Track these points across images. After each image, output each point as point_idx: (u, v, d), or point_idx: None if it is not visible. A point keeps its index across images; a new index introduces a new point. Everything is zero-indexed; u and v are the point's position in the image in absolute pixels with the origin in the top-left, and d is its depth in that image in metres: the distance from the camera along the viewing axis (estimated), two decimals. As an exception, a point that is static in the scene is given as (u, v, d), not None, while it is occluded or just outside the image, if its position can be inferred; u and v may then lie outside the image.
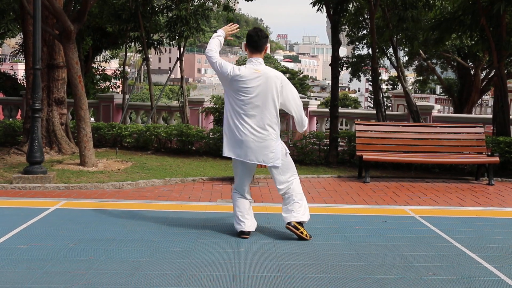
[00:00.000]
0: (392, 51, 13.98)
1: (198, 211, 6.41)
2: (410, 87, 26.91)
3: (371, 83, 15.05)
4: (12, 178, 7.92)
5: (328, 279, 4.13)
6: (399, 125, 10.08)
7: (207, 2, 15.13)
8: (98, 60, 22.07)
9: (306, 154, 10.69)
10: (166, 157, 11.15)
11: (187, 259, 4.52)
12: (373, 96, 12.73)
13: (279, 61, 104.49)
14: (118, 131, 12.17)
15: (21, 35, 16.90)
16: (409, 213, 6.59)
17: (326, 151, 10.95)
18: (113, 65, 32.06)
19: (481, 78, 21.62)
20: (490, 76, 21.05)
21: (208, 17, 14.72)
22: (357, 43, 22.23)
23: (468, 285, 4.08)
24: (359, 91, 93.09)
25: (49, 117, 11.07)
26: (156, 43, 15.73)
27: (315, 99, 19.16)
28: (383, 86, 41.36)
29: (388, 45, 14.66)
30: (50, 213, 6.09)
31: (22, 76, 19.97)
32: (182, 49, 14.94)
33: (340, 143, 11.22)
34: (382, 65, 26.07)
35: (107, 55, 22.38)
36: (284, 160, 5.22)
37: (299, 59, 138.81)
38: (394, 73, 40.09)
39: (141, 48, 15.29)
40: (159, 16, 15.51)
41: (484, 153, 9.47)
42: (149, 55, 15.14)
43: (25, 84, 14.08)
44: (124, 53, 17.04)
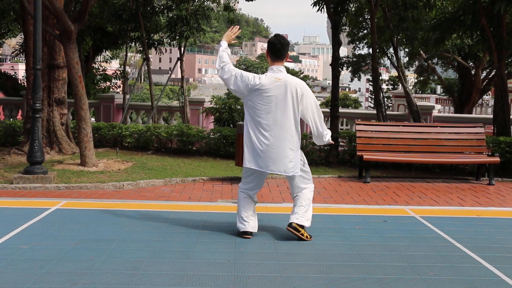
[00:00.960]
0: (393, 51, 13.98)
1: (198, 211, 6.41)
2: (411, 88, 26.90)
3: (371, 83, 15.05)
4: (13, 178, 7.93)
5: (328, 279, 4.13)
6: (399, 125, 10.08)
7: (208, 2, 15.14)
8: (99, 60, 22.07)
9: (306, 154, 10.60)
10: (166, 157, 11.15)
11: (187, 259, 4.52)
12: (373, 96, 12.72)
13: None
14: (118, 131, 12.18)
15: (21, 35, 16.90)
16: (410, 213, 6.59)
17: (326, 151, 10.95)
18: (113, 65, 32.09)
19: (481, 78, 21.63)
20: (490, 76, 21.05)
21: (209, 17, 14.73)
22: (357, 43, 22.26)
23: (468, 285, 4.08)
24: (359, 91, 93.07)
25: (49, 117, 11.08)
26: (156, 43, 15.74)
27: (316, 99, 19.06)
28: (384, 86, 41.34)
29: (388, 45, 14.67)
30: (51, 213, 6.10)
31: (23, 76, 19.97)
32: (182, 49, 14.95)
33: (341, 143, 11.22)
34: (382, 65, 26.12)
35: (107, 55, 22.38)
36: (302, 169, 5.25)
37: (300, 59, 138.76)
38: (394, 73, 40.12)
39: (141, 48, 15.30)
40: (159, 16, 15.52)
41: (484, 153, 9.47)
42: (150, 55, 15.16)
43: (25, 84, 14.09)
44: (125, 53, 17.04)
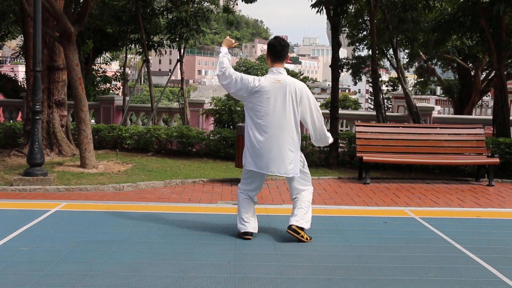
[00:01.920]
0: (392, 53, 13.99)
1: (198, 212, 6.41)
2: (411, 89, 26.90)
3: (371, 85, 15.05)
4: (13, 180, 7.92)
5: (328, 280, 4.14)
6: (399, 126, 10.08)
7: (207, 4, 15.14)
8: (99, 62, 22.07)
9: (306, 156, 10.57)
10: (166, 158, 11.15)
11: (187, 260, 4.53)
12: (373, 98, 12.73)
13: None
14: (118, 133, 12.18)
15: (21, 37, 16.90)
16: (410, 214, 6.59)
17: (326, 152, 10.95)
18: (113, 67, 32.11)
19: (481, 79, 21.63)
20: (490, 77, 21.06)
21: (208, 19, 14.74)
22: (357, 44, 22.25)
23: (468, 286, 4.08)
24: (359, 92, 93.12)
25: (49, 119, 11.08)
26: (156, 45, 15.75)
27: (316, 100, 19.08)
28: (383, 88, 41.37)
29: (388, 46, 14.67)
30: (51, 215, 6.10)
31: (23, 78, 19.98)
32: (182, 50, 14.96)
33: (341, 145, 11.22)
34: (382, 67, 26.11)
35: (107, 57, 22.39)
36: (302, 170, 5.27)
37: (300, 60, 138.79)
38: (394, 74, 40.10)
39: (141, 50, 15.31)
40: (159, 18, 15.52)
41: (484, 154, 9.47)
42: (150, 57, 15.17)
43: (25, 86, 14.08)
44: (125, 55, 17.05)
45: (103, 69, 21.50)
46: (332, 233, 5.55)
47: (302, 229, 5.15)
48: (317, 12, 11.80)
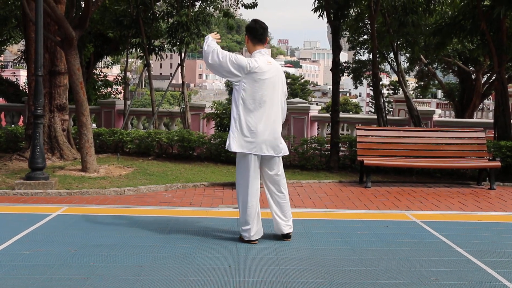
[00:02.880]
0: (393, 56, 13.99)
1: (199, 216, 6.42)
2: (411, 92, 26.89)
3: (372, 88, 15.07)
4: (14, 184, 7.94)
5: (329, 284, 4.13)
6: (400, 130, 10.08)
7: (208, 8, 15.18)
8: (100, 66, 22.13)
9: (307, 159, 10.70)
10: (167, 162, 11.16)
11: (188, 264, 4.53)
12: (374, 101, 12.73)
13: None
14: (119, 137, 12.20)
15: (23, 41, 16.94)
16: (411, 218, 6.59)
17: (327, 156, 10.95)
18: (114, 71, 32.19)
19: (482, 82, 21.62)
20: (491, 81, 21.04)
21: (209, 23, 14.76)
22: (358, 48, 22.26)
23: (469, 289, 4.08)
24: (360, 96, 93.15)
25: (51, 123, 11.10)
26: (157, 49, 15.77)
27: (316, 104, 19.13)
28: (384, 91, 41.35)
29: (389, 50, 14.67)
30: (52, 219, 6.10)
31: (24, 83, 20.06)
32: (183, 55, 14.98)
33: (341, 148, 11.22)
34: (383, 70, 26.12)
35: (108, 61, 22.45)
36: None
37: (300, 64, 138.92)
38: (395, 78, 40.12)
39: (142, 54, 15.33)
40: (160, 22, 15.56)
41: (485, 157, 9.46)
42: (150, 61, 15.19)
43: (27, 90, 14.11)
44: (126, 59, 17.08)
45: (104, 73, 21.55)
46: (333, 237, 5.55)
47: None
48: (318, 17, 11.84)
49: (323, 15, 11.75)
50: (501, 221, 6.64)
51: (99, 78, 20.96)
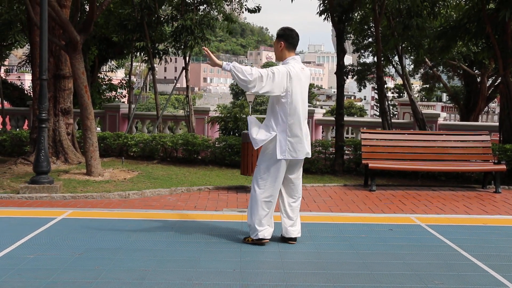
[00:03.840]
0: (398, 59, 13.98)
1: (204, 220, 6.42)
2: (416, 95, 26.85)
3: (376, 91, 15.05)
4: (19, 188, 7.96)
5: (334, 287, 4.12)
6: (405, 133, 10.06)
7: (213, 12, 15.19)
8: (104, 70, 22.18)
9: (312, 163, 10.68)
10: (172, 166, 11.17)
11: (193, 268, 4.53)
12: (378, 104, 12.71)
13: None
14: (124, 140, 12.21)
15: (28, 46, 17.03)
16: (416, 221, 6.57)
17: (332, 159, 10.94)
18: (119, 75, 32.23)
19: (487, 85, 21.58)
20: (496, 84, 21.00)
21: (213, 27, 14.79)
22: (362, 51, 22.27)
23: (475, 293, 4.06)
24: (365, 99, 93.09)
25: (55, 127, 11.13)
26: (161, 52, 15.80)
27: (321, 107, 19.16)
28: (389, 94, 41.32)
29: (393, 53, 14.67)
30: (57, 222, 6.11)
31: (29, 87, 20.10)
32: (187, 58, 15.00)
33: (346, 152, 11.20)
34: (387, 73, 26.10)
35: (113, 65, 22.51)
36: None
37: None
38: (400, 81, 40.06)
39: (146, 58, 15.36)
40: (164, 26, 15.59)
41: (490, 161, 9.43)
42: (155, 65, 15.21)
43: (32, 94, 14.17)
44: (130, 62, 17.13)
45: (108, 77, 21.60)
46: (338, 240, 5.54)
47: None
48: (324, 20, 11.86)
49: (328, 18, 11.75)
50: (506, 225, 6.61)
51: (104, 82, 21.01)
